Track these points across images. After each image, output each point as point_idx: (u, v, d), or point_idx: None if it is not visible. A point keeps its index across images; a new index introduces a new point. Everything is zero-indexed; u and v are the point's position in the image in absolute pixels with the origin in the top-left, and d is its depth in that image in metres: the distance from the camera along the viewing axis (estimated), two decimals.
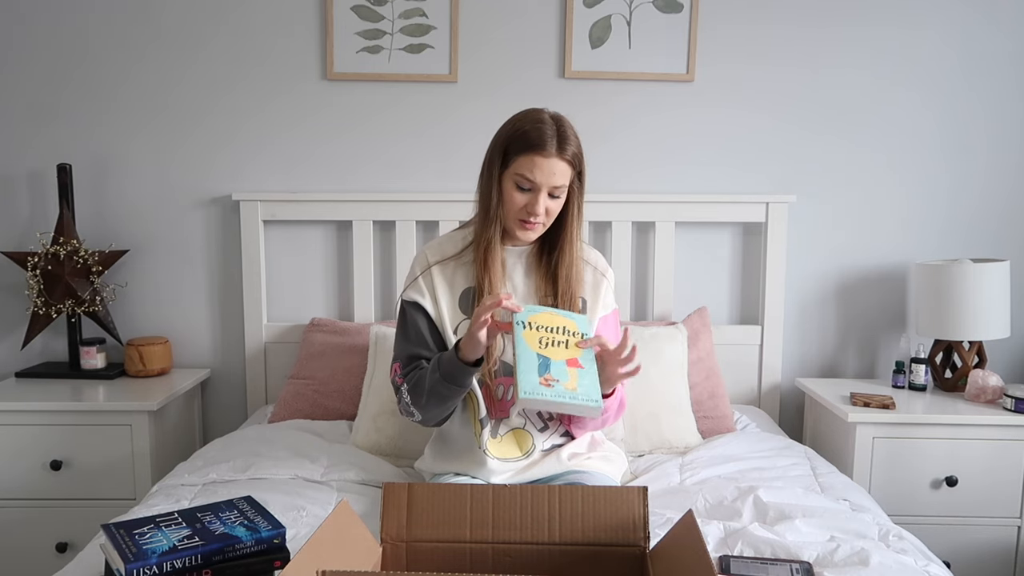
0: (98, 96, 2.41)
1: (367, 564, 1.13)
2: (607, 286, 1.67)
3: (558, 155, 1.50)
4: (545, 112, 1.56)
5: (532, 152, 1.50)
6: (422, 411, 1.55)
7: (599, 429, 1.71)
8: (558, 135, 1.51)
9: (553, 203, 1.54)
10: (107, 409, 2.15)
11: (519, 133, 1.53)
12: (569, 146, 1.52)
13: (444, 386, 1.49)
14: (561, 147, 1.50)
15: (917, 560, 1.41)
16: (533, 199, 1.52)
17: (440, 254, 1.65)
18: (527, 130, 1.52)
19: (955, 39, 2.43)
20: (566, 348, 1.40)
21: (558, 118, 1.55)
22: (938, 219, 2.51)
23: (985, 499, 2.15)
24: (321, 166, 2.46)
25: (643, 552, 1.18)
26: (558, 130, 1.52)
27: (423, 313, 1.62)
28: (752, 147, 2.47)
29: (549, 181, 1.51)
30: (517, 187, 1.53)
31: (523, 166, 1.51)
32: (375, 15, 2.38)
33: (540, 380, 1.34)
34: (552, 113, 1.56)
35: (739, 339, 2.48)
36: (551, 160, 1.50)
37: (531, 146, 1.50)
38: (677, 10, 2.39)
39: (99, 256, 2.35)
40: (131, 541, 1.24)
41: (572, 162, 1.53)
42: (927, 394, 2.33)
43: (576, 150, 1.53)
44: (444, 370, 1.48)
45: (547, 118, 1.54)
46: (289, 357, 2.44)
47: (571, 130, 1.54)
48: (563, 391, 1.34)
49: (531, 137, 1.51)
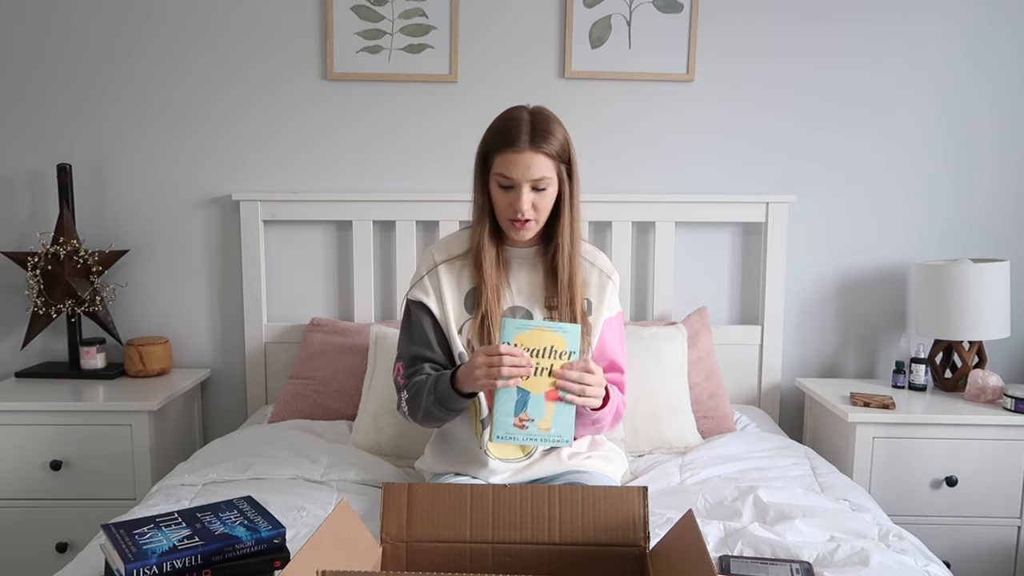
0: (98, 96, 2.41)
1: (367, 564, 1.13)
2: (612, 288, 1.66)
3: (531, 148, 1.48)
4: (524, 108, 1.54)
5: (506, 149, 1.50)
6: (418, 421, 1.58)
7: (598, 433, 1.71)
8: (532, 128, 1.49)
9: (540, 197, 1.53)
10: (107, 409, 2.15)
11: (494, 132, 1.54)
12: (545, 138, 1.49)
13: (438, 408, 1.52)
14: (535, 140, 1.49)
15: (917, 560, 1.41)
16: (516, 196, 1.51)
17: (447, 253, 1.65)
18: (500, 128, 1.53)
19: (959, 36, 2.43)
20: (548, 376, 1.41)
21: (536, 112, 1.53)
22: (938, 219, 2.51)
23: (985, 499, 2.15)
24: (321, 166, 2.46)
25: (643, 552, 1.18)
26: (533, 123, 1.50)
27: (427, 313, 1.62)
28: (752, 147, 2.47)
29: (527, 176, 1.50)
30: (500, 187, 1.53)
31: (501, 165, 1.51)
32: (375, 15, 2.38)
33: (515, 421, 1.41)
34: (532, 108, 1.54)
35: (739, 339, 2.48)
36: (525, 154, 1.49)
37: (504, 143, 1.50)
38: (677, 10, 2.39)
39: (99, 256, 2.35)
40: (131, 541, 1.24)
41: (551, 154, 1.50)
42: (927, 394, 2.33)
43: (559, 141, 1.51)
44: (439, 394, 1.51)
45: (522, 114, 1.52)
46: (289, 357, 2.44)
47: (550, 122, 1.52)
48: (536, 432, 1.42)
49: (503, 135, 1.51)
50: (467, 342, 1.59)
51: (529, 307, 1.62)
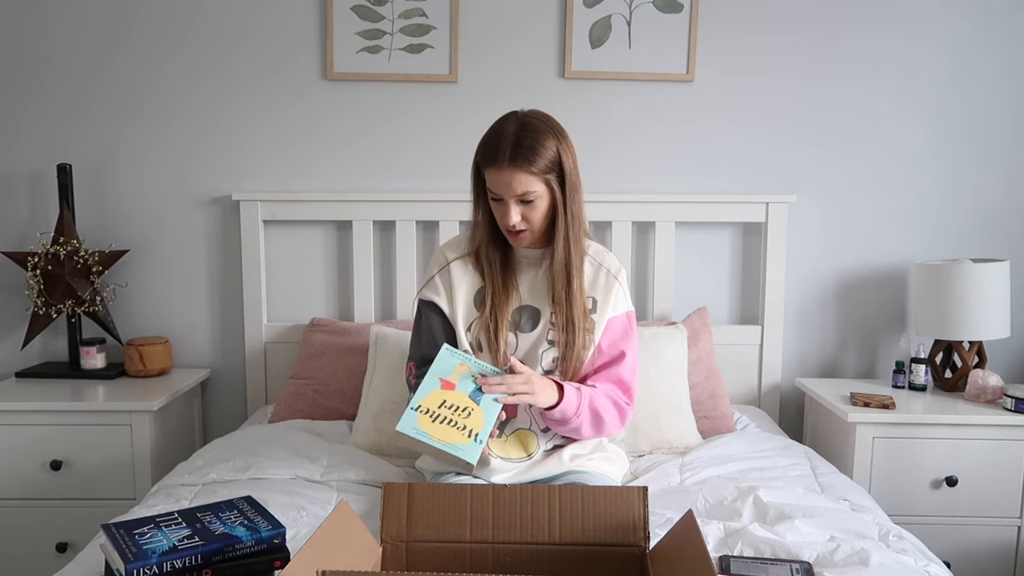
0: (98, 97, 2.41)
1: (367, 564, 1.13)
2: (618, 288, 1.65)
3: (511, 166, 1.47)
4: (513, 119, 1.52)
5: (489, 165, 1.50)
6: None
7: (585, 438, 1.65)
8: (514, 145, 1.47)
9: (529, 209, 1.52)
10: (107, 409, 2.15)
11: (482, 145, 1.53)
12: (526, 156, 1.47)
13: None
14: (515, 158, 1.47)
15: (917, 560, 1.41)
16: (504, 209, 1.52)
17: (459, 251, 1.66)
18: (487, 141, 1.52)
19: (966, 28, 2.43)
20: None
21: (525, 124, 1.50)
22: (938, 219, 2.51)
23: (985, 499, 2.15)
24: (321, 166, 2.46)
25: (643, 552, 1.18)
26: (517, 139, 1.47)
27: (437, 312, 1.63)
28: (752, 147, 2.47)
29: (509, 192, 1.50)
30: (492, 198, 1.54)
31: (488, 179, 1.53)
32: (375, 15, 2.38)
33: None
34: (522, 118, 1.52)
35: (739, 339, 2.48)
36: (505, 172, 1.48)
37: (487, 159, 1.51)
38: (677, 10, 2.39)
39: (99, 256, 2.35)
40: (131, 541, 1.24)
41: (534, 171, 1.48)
42: (927, 394, 2.33)
43: (544, 157, 1.48)
44: None
45: (507, 127, 1.50)
46: (289, 357, 2.44)
47: (537, 135, 1.48)
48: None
49: (488, 150, 1.51)
50: (475, 339, 1.60)
51: (538, 306, 1.62)
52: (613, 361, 1.64)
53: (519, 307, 1.63)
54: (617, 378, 1.64)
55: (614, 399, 1.62)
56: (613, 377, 1.63)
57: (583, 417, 1.56)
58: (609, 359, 1.64)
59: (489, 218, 1.60)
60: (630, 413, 1.66)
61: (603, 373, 1.64)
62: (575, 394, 1.55)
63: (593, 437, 1.65)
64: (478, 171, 1.57)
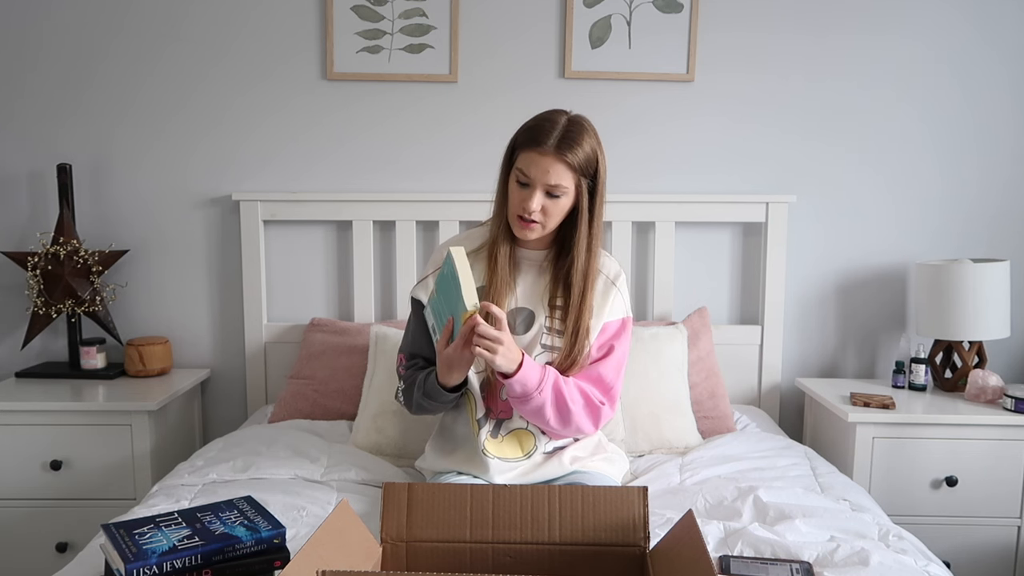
0: (98, 96, 2.41)
1: (367, 564, 1.13)
2: (616, 293, 1.64)
3: (555, 154, 1.48)
4: (565, 113, 1.54)
5: (531, 147, 1.50)
6: (412, 412, 1.65)
7: (547, 425, 1.60)
8: (563, 135, 1.49)
9: (552, 203, 1.52)
10: (107, 409, 2.15)
11: (526, 128, 1.54)
12: (572, 148, 1.48)
13: (427, 401, 1.58)
14: (561, 147, 1.48)
15: (917, 560, 1.41)
16: (528, 195, 1.51)
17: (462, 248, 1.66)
18: (533, 125, 1.53)
19: (967, 25, 2.43)
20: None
21: (573, 120, 1.52)
22: (938, 219, 2.51)
23: (985, 499, 2.15)
24: (321, 166, 2.46)
25: (643, 552, 1.18)
26: (566, 130, 1.49)
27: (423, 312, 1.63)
28: (752, 146, 2.47)
29: (544, 179, 1.50)
30: (518, 182, 1.54)
31: (522, 161, 1.52)
32: (375, 15, 2.38)
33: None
34: (573, 115, 1.54)
35: (739, 339, 2.48)
36: (547, 158, 1.49)
37: (531, 141, 1.50)
38: (677, 10, 2.39)
39: (99, 256, 2.35)
40: (131, 541, 1.24)
41: (573, 166, 1.49)
42: (927, 394, 2.33)
43: (584, 154, 1.50)
44: (427, 388, 1.56)
45: (559, 118, 1.52)
46: (289, 357, 2.44)
47: (582, 133, 1.51)
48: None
49: (533, 132, 1.51)
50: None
51: (533, 309, 1.62)
52: (598, 360, 1.62)
53: (514, 309, 1.62)
54: (596, 375, 1.60)
55: (586, 393, 1.58)
56: (592, 374, 1.60)
57: (545, 396, 1.51)
58: (595, 359, 1.62)
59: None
60: (606, 414, 1.61)
61: (584, 369, 1.61)
62: (538, 370, 1.51)
63: (562, 431, 1.59)
64: (511, 154, 1.56)
